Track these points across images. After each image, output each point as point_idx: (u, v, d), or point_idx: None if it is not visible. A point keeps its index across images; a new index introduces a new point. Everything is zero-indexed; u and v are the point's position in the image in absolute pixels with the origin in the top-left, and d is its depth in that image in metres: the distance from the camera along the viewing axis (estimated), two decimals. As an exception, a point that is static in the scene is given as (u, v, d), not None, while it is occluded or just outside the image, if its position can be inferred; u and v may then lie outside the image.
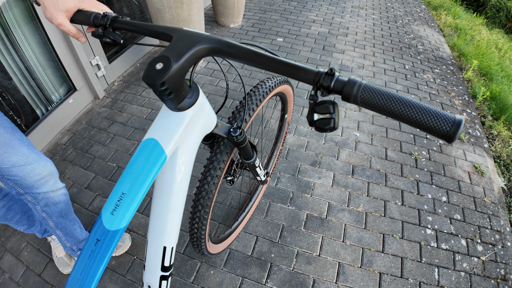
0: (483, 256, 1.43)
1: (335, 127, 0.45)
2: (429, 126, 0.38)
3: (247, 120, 0.84)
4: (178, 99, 0.52)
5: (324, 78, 0.43)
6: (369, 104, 0.41)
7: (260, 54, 0.48)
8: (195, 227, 0.92)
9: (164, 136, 0.55)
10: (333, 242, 1.41)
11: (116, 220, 0.51)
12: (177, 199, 0.62)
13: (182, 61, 0.46)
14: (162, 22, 1.95)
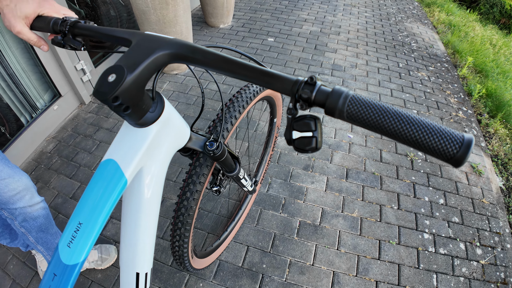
0: (482, 260, 1.38)
1: (318, 148, 0.38)
2: (432, 148, 0.32)
3: (229, 129, 0.78)
4: (138, 114, 0.46)
5: (303, 88, 0.37)
6: (358, 119, 0.35)
7: (230, 60, 0.42)
8: (176, 245, 0.86)
9: (124, 156, 0.49)
10: (327, 250, 1.35)
11: (73, 253, 0.46)
12: (147, 223, 0.56)
13: (138, 71, 0.40)
14: (147, 24, 1.88)
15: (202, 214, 1.45)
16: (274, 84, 0.40)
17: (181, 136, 0.59)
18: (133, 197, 0.54)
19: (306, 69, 2.46)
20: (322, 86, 0.38)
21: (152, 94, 0.49)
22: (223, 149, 0.70)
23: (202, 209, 1.47)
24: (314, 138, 0.38)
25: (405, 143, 0.34)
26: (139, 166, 0.51)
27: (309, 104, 0.38)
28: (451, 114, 2.19)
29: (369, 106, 0.34)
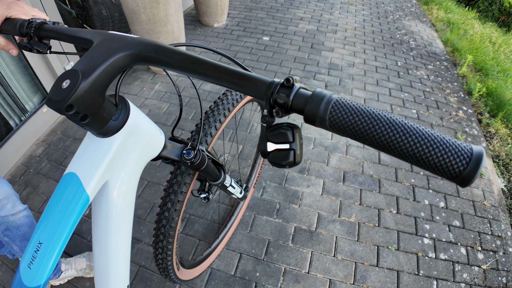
0: (484, 265, 1.34)
1: (296, 162, 0.33)
2: (433, 163, 0.27)
3: (213, 134, 0.73)
4: (99, 123, 0.41)
5: (279, 92, 0.32)
6: (343, 129, 0.30)
7: (198, 60, 0.37)
8: (159, 257, 0.81)
9: (86, 170, 0.44)
10: (323, 257, 1.30)
11: (34, 274, 0.42)
12: (117, 240, 0.52)
13: (94, 75, 0.36)
14: (137, 23, 1.83)
15: (193, 220, 1.40)
16: (246, 87, 0.35)
17: (153, 145, 0.54)
18: (100, 214, 0.50)
19: (302, 68, 2.41)
20: (301, 89, 0.32)
21: (115, 100, 0.44)
22: (203, 158, 0.65)
23: (193, 215, 1.42)
24: (291, 151, 0.33)
25: (401, 157, 0.28)
26: (103, 180, 0.46)
27: (285, 110, 0.32)
28: (451, 114, 2.14)
29: (356, 113, 0.29)
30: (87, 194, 0.44)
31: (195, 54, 0.38)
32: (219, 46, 2.60)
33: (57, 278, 1.15)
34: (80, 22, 2.11)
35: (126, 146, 0.47)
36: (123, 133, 0.45)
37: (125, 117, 0.45)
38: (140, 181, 1.53)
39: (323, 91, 0.31)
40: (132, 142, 0.48)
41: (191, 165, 0.63)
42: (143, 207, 1.43)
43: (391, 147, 0.28)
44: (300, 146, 0.33)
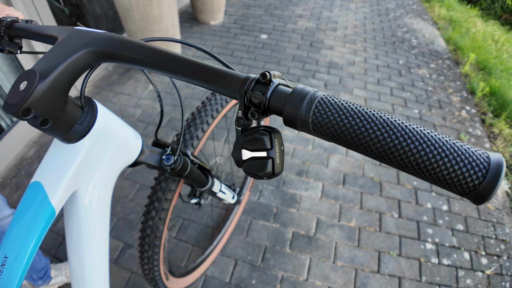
0: (488, 270, 1.30)
1: (275, 173, 0.28)
2: (440, 176, 0.21)
3: (200, 137, 0.68)
4: (63, 128, 0.37)
5: (254, 89, 0.28)
6: (329, 133, 0.25)
7: (166, 55, 0.32)
8: (146, 268, 0.76)
9: (51, 179, 0.41)
10: (322, 263, 1.25)
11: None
12: (92, 250, 0.49)
13: (53, 75, 0.32)
14: (130, 21, 1.77)
15: (186, 225, 1.35)
16: (218, 85, 0.30)
17: (127, 150, 0.49)
18: (72, 226, 0.46)
19: (301, 67, 2.35)
20: (281, 86, 0.27)
21: (81, 102, 0.40)
22: (185, 163, 0.59)
23: (186, 219, 1.37)
24: (269, 159, 0.27)
25: (401, 168, 0.23)
26: (70, 190, 0.42)
27: (262, 111, 0.28)
28: (454, 114, 2.08)
29: (346, 113, 0.24)
30: (53, 206, 0.40)
31: (165, 49, 0.33)
32: (215, 45, 2.54)
33: (47, 284, 1.12)
34: (74, 20, 2.06)
35: (95, 152, 0.43)
36: (90, 138, 0.41)
37: (92, 120, 0.41)
38: (132, 184, 1.48)
39: (306, 87, 0.26)
40: (101, 148, 0.44)
41: (171, 171, 0.57)
42: (135, 211, 1.38)
43: (388, 155, 0.23)
44: (280, 154, 0.28)
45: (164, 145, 0.62)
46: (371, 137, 0.23)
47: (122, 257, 1.24)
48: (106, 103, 1.92)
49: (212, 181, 0.74)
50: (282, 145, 0.29)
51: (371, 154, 0.24)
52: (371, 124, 0.23)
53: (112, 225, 1.33)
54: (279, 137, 0.28)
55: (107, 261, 0.52)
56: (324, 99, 0.25)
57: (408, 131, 0.22)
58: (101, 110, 0.43)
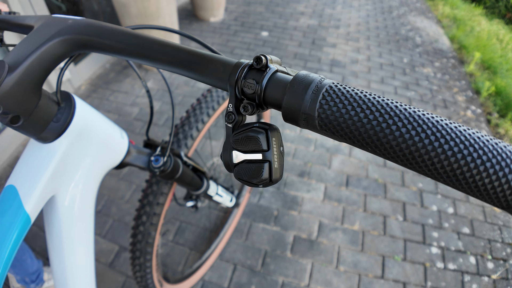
0: (494, 274, 1.26)
1: (273, 180, 0.23)
2: (481, 185, 0.17)
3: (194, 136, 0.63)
4: (36, 126, 0.34)
5: (246, 76, 0.23)
6: (341, 131, 0.20)
7: (151, 41, 0.28)
8: (138, 275, 0.72)
9: (26, 183, 0.37)
10: (324, 268, 1.20)
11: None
12: (74, 261, 0.45)
13: (22, 67, 0.29)
14: (128, 17, 1.72)
15: (183, 228, 1.30)
16: (205, 73, 0.25)
17: (111, 150, 0.45)
18: (52, 233, 0.43)
19: (303, 65, 2.30)
20: (279, 73, 0.22)
21: (57, 97, 0.36)
22: (176, 165, 0.55)
23: (183, 222, 1.32)
24: (265, 163, 0.22)
25: (430, 175, 0.18)
26: (46, 195, 0.39)
27: (257, 104, 0.23)
28: (459, 114, 2.03)
29: (361, 105, 0.19)
30: (27, 214, 0.37)
31: (147, 35, 0.29)
32: (215, 42, 2.49)
33: (40, 287, 1.08)
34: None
35: (74, 153, 0.39)
36: (68, 137, 0.38)
37: (69, 117, 0.37)
38: (128, 185, 1.43)
39: (310, 74, 0.21)
40: (81, 148, 0.40)
41: (161, 174, 0.53)
42: (131, 213, 1.33)
43: (415, 159, 0.18)
44: (279, 156, 0.23)
45: (155, 145, 0.57)
46: (395, 135, 0.18)
47: (117, 260, 1.20)
48: (103, 101, 1.87)
49: (207, 184, 0.69)
50: (281, 145, 0.24)
51: (393, 158, 0.19)
52: (395, 119, 0.18)
53: (107, 227, 1.29)
54: (277, 135, 0.24)
55: (92, 268, 0.49)
56: (333, 87, 0.20)
57: (441, 127, 0.17)
58: (80, 106, 0.39)
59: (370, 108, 0.19)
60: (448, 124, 0.18)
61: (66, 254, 0.44)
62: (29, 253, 1.00)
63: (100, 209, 1.34)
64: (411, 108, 0.19)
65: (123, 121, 1.74)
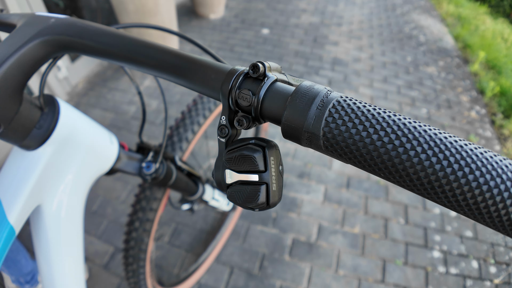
0: (496, 279, 1.23)
1: (271, 204, 0.20)
2: (496, 216, 0.14)
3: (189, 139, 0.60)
4: (18, 133, 0.32)
5: (241, 86, 0.20)
6: (348, 153, 0.17)
7: (136, 43, 0.25)
8: (131, 281, 0.69)
9: (9, 192, 0.35)
10: (323, 272, 1.18)
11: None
12: (62, 271, 0.43)
13: (0, 71, 0.27)
14: (125, 14, 1.69)
15: (179, 230, 1.27)
16: (195, 80, 0.22)
17: (100, 156, 0.43)
18: (39, 244, 0.41)
19: (304, 63, 2.27)
20: (279, 82, 0.20)
21: (40, 102, 0.34)
22: (169, 171, 0.52)
23: (180, 223, 1.29)
24: (262, 186, 0.20)
25: (450, 206, 0.16)
26: (31, 205, 0.37)
27: (253, 117, 0.20)
28: (463, 114, 1.99)
29: (374, 126, 0.16)
30: (11, 225, 0.35)
31: (134, 37, 0.26)
32: (215, 39, 2.45)
33: None
34: (69, 13, 1.99)
35: (59, 161, 0.37)
36: (52, 144, 0.36)
37: (52, 123, 0.35)
38: (124, 185, 1.40)
39: (315, 85, 0.18)
40: (67, 155, 0.38)
41: (153, 181, 0.50)
42: (126, 214, 1.31)
43: (436, 191, 0.15)
44: (277, 178, 0.21)
45: (149, 149, 0.55)
46: (413, 162, 0.15)
47: (112, 262, 1.17)
48: (100, 100, 1.84)
49: (202, 189, 0.66)
50: (280, 164, 0.21)
51: (409, 186, 0.16)
52: (413, 143, 0.15)
53: (102, 228, 1.27)
54: (276, 153, 0.21)
55: (82, 276, 0.47)
56: (342, 102, 0.17)
57: (466, 154, 0.15)
58: (64, 111, 0.36)
59: (385, 129, 0.16)
60: (473, 148, 0.15)
61: (54, 263, 0.43)
62: (23, 253, 0.99)
63: (95, 210, 1.32)
64: (432, 130, 0.16)
65: (120, 120, 1.71)
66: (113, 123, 1.69)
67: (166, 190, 0.61)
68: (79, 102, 1.83)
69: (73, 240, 0.43)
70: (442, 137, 0.15)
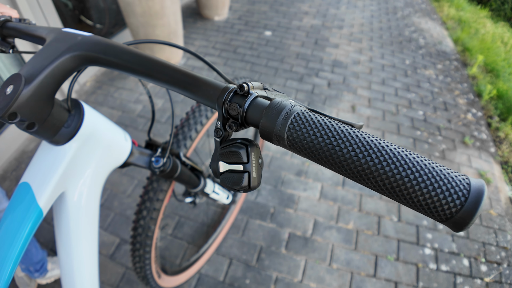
0: (487, 277, 1.28)
1: (251, 187, 0.27)
2: (416, 200, 0.21)
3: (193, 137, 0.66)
4: (49, 131, 0.38)
5: (231, 100, 0.27)
6: (304, 150, 0.24)
7: (147, 60, 0.32)
8: (137, 266, 0.76)
9: (39, 180, 0.41)
10: (317, 265, 1.24)
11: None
12: (81, 250, 0.49)
13: (38, 80, 0.33)
14: (133, 16, 1.76)
15: (182, 222, 1.34)
16: (197, 94, 0.30)
17: (116, 152, 0.49)
18: (60, 226, 0.47)
19: (305, 65, 2.32)
20: (259, 98, 0.27)
21: (68, 105, 0.40)
22: (174, 165, 0.59)
23: (182, 216, 1.36)
24: (245, 173, 0.27)
25: (376, 190, 0.22)
26: (57, 191, 0.43)
27: (240, 123, 0.27)
28: (460, 116, 2.04)
29: (320, 131, 0.23)
30: (40, 208, 0.41)
31: (148, 55, 0.33)
32: (219, 41, 2.52)
33: (43, 276, 1.12)
34: (77, 13, 2.06)
35: (82, 155, 0.44)
36: (77, 140, 0.42)
37: (78, 123, 0.41)
38: (130, 179, 1.47)
39: (283, 101, 0.25)
40: (89, 150, 0.45)
41: (161, 173, 0.57)
42: (132, 207, 1.38)
43: (362, 176, 0.22)
44: (257, 168, 0.28)
45: (156, 146, 0.61)
46: (345, 157, 0.22)
47: (118, 252, 1.24)
48: (107, 98, 1.91)
49: (204, 182, 0.73)
50: (260, 158, 0.28)
51: (346, 174, 0.23)
52: (346, 144, 0.22)
53: (108, 220, 1.34)
54: (256, 150, 0.28)
55: (96, 260, 0.53)
56: (300, 114, 0.24)
57: (385, 152, 0.21)
58: (88, 113, 0.43)
59: (327, 134, 0.23)
60: (393, 148, 0.22)
61: (73, 246, 0.48)
62: (34, 243, 1.04)
63: (102, 203, 1.39)
64: (361, 134, 0.23)
65: (127, 118, 1.78)
66: (120, 121, 1.76)
67: (171, 183, 0.67)
68: (87, 100, 1.91)
69: (91, 224, 0.49)
70: (368, 140, 0.22)
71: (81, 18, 2.08)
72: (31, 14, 1.55)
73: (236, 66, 2.26)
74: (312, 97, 2.04)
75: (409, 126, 1.91)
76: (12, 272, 0.40)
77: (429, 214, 0.21)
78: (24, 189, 0.41)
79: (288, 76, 2.21)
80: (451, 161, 1.72)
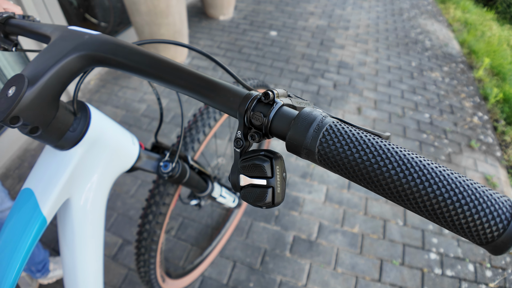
0: (491, 283, 1.26)
1: (275, 203, 0.25)
2: (458, 224, 0.19)
3: (201, 140, 0.65)
4: (54, 136, 0.35)
5: (255, 109, 0.25)
6: (338, 167, 0.22)
7: (161, 62, 0.30)
8: (142, 270, 0.75)
9: (43, 187, 0.39)
10: (322, 269, 1.22)
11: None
12: (85, 257, 0.47)
13: (42, 81, 0.30)
14: (138, 14, 1.75)
15: (186, 224, 1.33)
16: (215, 100, 0.27)
17: (123, 156, 0.47)
18: (65, 234, 0.45)
19: (310, 66, 2.31)
20: (285, 107, 0.25)
21: (73, 108, 0.37)
22: (183, 170, 0.57)
23: (186, 218, 1.35)
24: (269, 189, 0.25)
25: (414, 210, 0.21)
26: (62, 198, 0.41)
27: (264, 134, 0.25)
28: (466, 120, 2.02)
29: (356, 146, 0.21)
30: (44, 216, 0.38)
31: (161, 56, 0.30)
32: (224, 40, 2.51)
33: (45, 277, 1.12)
34: (82, 11, 2.05)
35: (88, 160, 0.41)
36: (83, 145, 0.40)
37: (84, 127, 0.39)
38: (134, 180, 1.46)
39: (313, 111, 0.23)
40: (95, 155, 0.42)
41: (169, 178, 0.55)
42: (135, 207, 1.37)
43: (401, 197, 0.20)
44: (281, 182, 0.26)
45: (163, 148, 0.60)
46: (384, 175, 0.20)
47: (120, 253, 1.23)
48: (111, 97, 1.90)
49: (212, 187, 0.72)
50: (284, 171, 0.26)
51: (383, 194, 0.21)
52: (386, 161, 0.20)
53: (111, 220, 1.33)
54: (281, 163, 0.26)
55: (101, 265, 0.51)
56: (333, 127, 0.22)
57: (427, 171, 0.20)
58: (95, 116, 0.41)
59: (365, 150, 0.21)
60: (434, 167, 0.20)
61: (77, 252, 0.46)
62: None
63: (106, 203, 1.38)
64: (401, 150, 0.21)
65: (131, 117, 1.77)
66: (124, 120, 1.75)
67: (178, 187, 0.66)
68: (91, 99, 1.90)
69: (96, 232, 0.47)
70: (410, 157, 0.20)
71: (85, 16, 2.07)
72: (35, 11, 1.54)
73: (241, 66, 2.24)
74: (317, 98, 2.03)
75: (415, 128, 1.89)
76: (14, 282, 0.38)
77: (468, 237, 0.19)
78: (27, 196, 0.39)
79: (293, 76, 2.19)
80: (457, 164, 1.70)
